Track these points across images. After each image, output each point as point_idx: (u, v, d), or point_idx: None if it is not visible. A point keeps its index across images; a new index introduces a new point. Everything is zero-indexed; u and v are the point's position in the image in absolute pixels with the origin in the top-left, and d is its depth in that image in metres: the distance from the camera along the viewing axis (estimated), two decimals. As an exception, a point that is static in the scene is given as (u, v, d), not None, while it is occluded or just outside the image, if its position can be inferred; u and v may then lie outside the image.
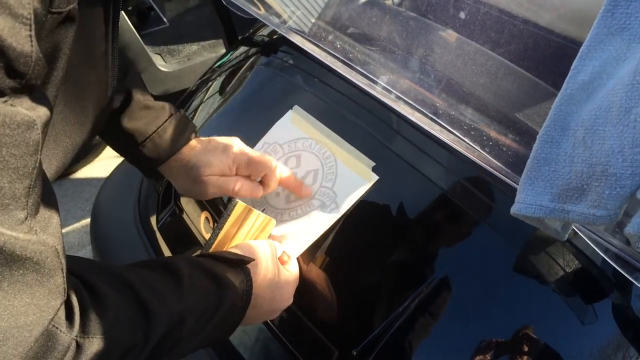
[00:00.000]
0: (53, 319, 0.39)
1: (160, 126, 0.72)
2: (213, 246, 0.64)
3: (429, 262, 0.72)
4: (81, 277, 0.46)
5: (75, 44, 0.45)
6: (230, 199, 0.64)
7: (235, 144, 0.75)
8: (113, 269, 0.50)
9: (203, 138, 0.77)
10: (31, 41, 0.35)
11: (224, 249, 0.65)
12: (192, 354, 0.58)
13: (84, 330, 0.42)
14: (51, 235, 0.40)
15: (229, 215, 0.63)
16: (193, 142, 0.75)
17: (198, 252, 0.64)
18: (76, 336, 0.41)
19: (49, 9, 0.39)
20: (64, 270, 0.40)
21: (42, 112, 0.39)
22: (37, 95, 0.39)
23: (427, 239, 0.74)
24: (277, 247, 0.69)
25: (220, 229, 0.64)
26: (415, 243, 0.74)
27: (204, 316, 0.54)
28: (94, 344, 0.42)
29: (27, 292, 0.37)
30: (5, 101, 0.35)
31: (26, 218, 0.37)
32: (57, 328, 0.40)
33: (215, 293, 0.56)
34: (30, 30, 0.35)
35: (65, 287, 0.41)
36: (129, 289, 0.48)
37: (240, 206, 0.64)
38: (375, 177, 0.77)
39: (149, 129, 0.71)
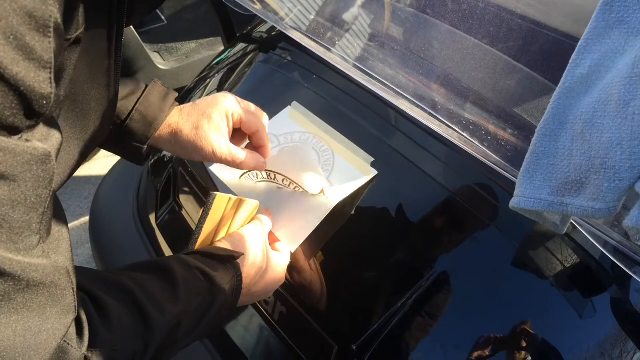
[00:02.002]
0: (65, 335, 0.41)
1: (141, 95, 0.69)
2: (198, 241, 0.64)
3: (428, 257, 0.72)
4: (85, 289, 0.47)
5: (78, 62, 0.45)
6: (209, 192, 0.64)
7: (228, 94, 0.72)
8: (112, 278, 0.51)
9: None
10: (51, 83, 0.36)
11: (211, 243, 0.66)
12: (194, 349, 0.58)
13: (92, 344, 0.43)
14: (62, 255, 0.41)
15: (209, 208, 0.63)
16: (182, 106, 0.72)
17: (189, 250, 0.64)
18: (85, 351, 0.43)
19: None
20: (75, 289, 0.42)
21: (54, 141, 0.39)
22: (48, 123, 0.39)
23: (426, 234, 0.74)
24: (266, 225, 0.70)
25: (203, 222, 0.64)
26: (415, 238, 0.74)
27: (197, 315, 0.56)
28: (100, 357, 0.44)
29: (42, 314, 0.38)
30: (21, 137, 0.35)
31: (39, 242, 0.38)
32: (68, 344, 0.41)
33: (208, 292, 0.57)
34: (51, 73, 0.35)
35: (76, 304, 0.42)
36: (129, 297, 0.49)
37: (219, 197, 0.64)
38: (374, 172, 0.77)
39: (131, 101, 0.68)
